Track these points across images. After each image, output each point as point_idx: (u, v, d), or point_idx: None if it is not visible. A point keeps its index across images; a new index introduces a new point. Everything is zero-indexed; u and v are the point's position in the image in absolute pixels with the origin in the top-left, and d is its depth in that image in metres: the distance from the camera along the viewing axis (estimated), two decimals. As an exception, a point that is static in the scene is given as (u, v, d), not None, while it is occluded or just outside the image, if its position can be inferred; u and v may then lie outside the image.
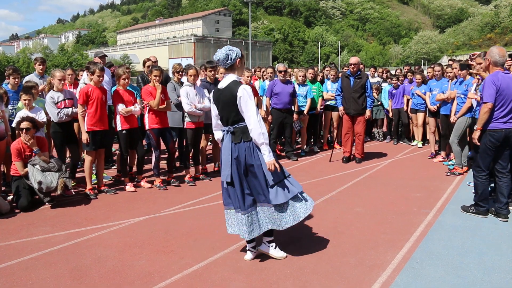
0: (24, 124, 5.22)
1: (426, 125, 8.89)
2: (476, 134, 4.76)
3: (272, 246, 3.72)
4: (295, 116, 8.05)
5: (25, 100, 5.70)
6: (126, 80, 5.94)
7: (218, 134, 3.76)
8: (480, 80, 5.76)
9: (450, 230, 4.38)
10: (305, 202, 3.62)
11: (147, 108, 6.06)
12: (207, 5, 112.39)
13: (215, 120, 3.72)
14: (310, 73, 8.75)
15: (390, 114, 9.83)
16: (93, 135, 5.61)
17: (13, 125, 5.69)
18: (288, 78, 8.12)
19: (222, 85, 3.56)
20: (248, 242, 3.70)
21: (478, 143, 4.75)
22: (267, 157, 3.43)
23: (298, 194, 3.60)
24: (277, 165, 3.46)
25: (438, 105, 7.57)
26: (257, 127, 3.39)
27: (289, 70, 9.46)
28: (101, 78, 5.68)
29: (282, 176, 3.55)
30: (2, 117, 5.45)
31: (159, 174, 6.23)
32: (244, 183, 3.52)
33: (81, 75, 7.17)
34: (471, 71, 5.71)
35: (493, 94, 4.53)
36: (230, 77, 3.54)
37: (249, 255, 3.70)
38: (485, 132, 4.67)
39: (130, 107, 5.86)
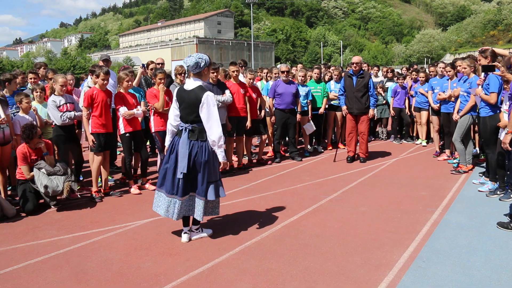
0: (39, 130, 5.34)
1: (430, 123, 8.86)
2: (507, 139, 4.45)
3: (199, 230, 4.24)
4: (298, 116, 8.03)
5: (27, 103, 5.71)
6: (130, 83, 5.95)
7: (169, 126, 4.21)
8: (484, 79, 5.71)
9: (456, 228, 4.36)
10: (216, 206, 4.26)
11: (152, 111, 6.07)
12: (209, 6, 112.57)
13: (173, 115, 4.16)
14: (315, 73, 8.73)
15: (392, 112, 9.70)
16: (98, 138, 5.62)
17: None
18: (290, 78, 8.11)
19: (188, 87, 4.02)
20: (184, 226, 4.18)
21: (510, 148, 4.46)
22: (222, 157, 3.97)
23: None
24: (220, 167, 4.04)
25: (439, 104, 7.55)
26: (219, 131, 3.88)
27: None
28: (105, 82, 5.70)
29: (218, 177, 4.10)
30: (7, 121, 5.48)
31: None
32: (188, 175, 3.95)
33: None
34: (495, 73, 5.39)
35: None
36: (196, 82, 4.00)
37: (184, 238, 4.15)
38: None
39: (133, 110, 5.87)
